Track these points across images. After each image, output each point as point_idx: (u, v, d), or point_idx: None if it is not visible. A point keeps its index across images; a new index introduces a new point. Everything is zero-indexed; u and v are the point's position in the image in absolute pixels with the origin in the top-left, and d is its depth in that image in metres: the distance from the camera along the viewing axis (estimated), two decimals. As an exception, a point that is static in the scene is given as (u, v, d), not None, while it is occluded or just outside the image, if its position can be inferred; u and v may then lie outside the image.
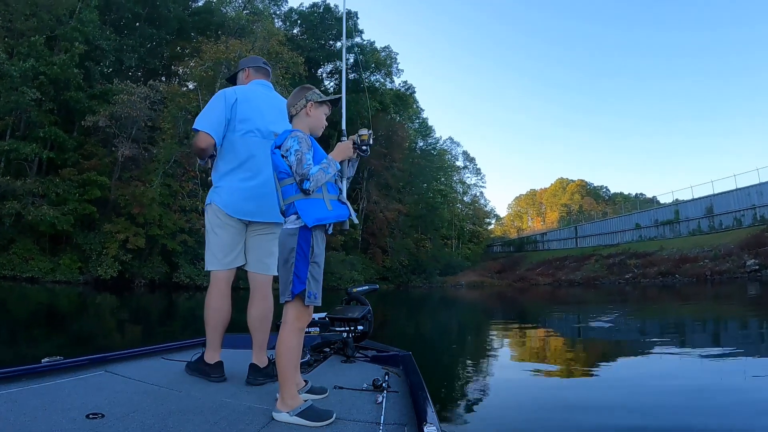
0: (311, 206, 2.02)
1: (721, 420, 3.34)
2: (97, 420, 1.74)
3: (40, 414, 1.76)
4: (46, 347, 6.17)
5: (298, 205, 2.02)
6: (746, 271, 24.47)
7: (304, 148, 2.05)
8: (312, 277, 2.02)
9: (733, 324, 9.51)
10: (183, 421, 1.83)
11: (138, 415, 1.85)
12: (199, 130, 2.65)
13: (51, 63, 24.00)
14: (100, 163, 26.16)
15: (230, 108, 2.67)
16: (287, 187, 2.06)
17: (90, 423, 1.71)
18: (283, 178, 2.07)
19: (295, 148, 2.03)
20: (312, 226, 2.01)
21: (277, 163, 2.08)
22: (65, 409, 1.83)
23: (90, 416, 1.75)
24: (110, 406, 1.91)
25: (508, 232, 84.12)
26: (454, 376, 5.60)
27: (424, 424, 1.73)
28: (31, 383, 2.16)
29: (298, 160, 2.00)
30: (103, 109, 25.08)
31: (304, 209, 2.01)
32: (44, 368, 2.38)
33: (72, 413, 1.79)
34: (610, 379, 5.14)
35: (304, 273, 2.00)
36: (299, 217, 2.01)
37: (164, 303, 17.60)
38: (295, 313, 2.04)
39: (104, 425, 1.70)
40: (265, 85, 2.90)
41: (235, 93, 2.72)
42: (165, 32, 32.35)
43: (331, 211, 2.06)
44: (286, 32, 39.26)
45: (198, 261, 26.85)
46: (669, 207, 40.80)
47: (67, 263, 24.00)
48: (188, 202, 26.62)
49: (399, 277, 42.16)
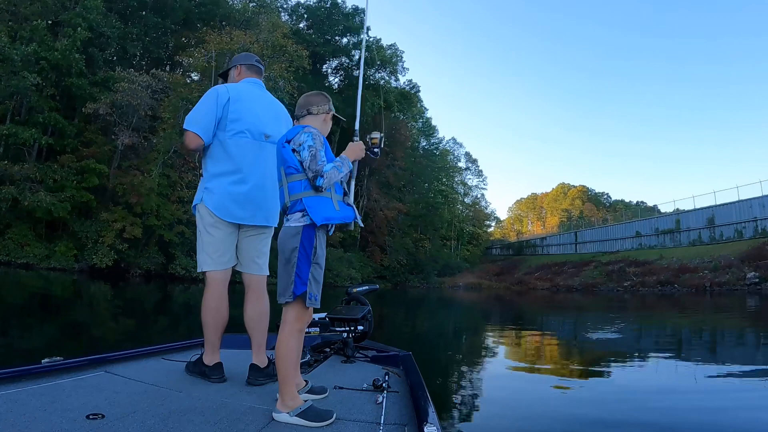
0: (320, 204, 2.00)
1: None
2: (97, 420, 1.74)
3: (40, 414, 1.77)
4: (38, 339, 6.14)
5: (307, 202, 1.99)
6: (746, 284, 24.56)
7: (318, 144, 2.02)
8: (313, 279, 2.01)
9: (750, 337, 9.44)
10: (183, 421, 1.83)
11: (138, 415, 1.85)
12: (187, 130, 2.62)
13: (53, 48, 23.89)
14: (99, 151, 26.05)
15: (222, 107, 2.62)
16: (295, 183, 2.02)
17: (90, 423, 1.71)
18: (292, 173, 2.03)
19: (309, 144, 2.00)
20: (317, 225, 1.99)
21: (286, 158, 2.04)
22: (65, 410, 1.83)
23: (90, 416, 1.76)
24: (110, 407, 1.91)
25: (508, 235, 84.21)
26: (454, 376, 5.64)
27: (424, 424, 1.74)
28: (31, 384, 2.16)
29: (312, 155, 1.97)
30: (104, 96, 24.98)
31: (313, 206, 1.98)
32: (44, 369, 2.38)
33: (72, 413, 1.79)
34: (609, 382, 5.19)
35: (306, 274, 1.98)
36: (305, 214, 1.99)
37: (159, 294, 17.60)
38: (295, 314, 2.03)
39: (104, 425, 1.71)
40: (258, 84, 2.84)
41: (228, 91, 2.66)
42: (171, 22, 32.19)
43: (339, 211, 2.05)
44: (292, 26, 39.16)
45: (194, 253, 26.64)
46: (670, 216, 40.85)
47: (63, 250, 23.92)
48: (187, 193, 26.55)
49: (397, 277, 42.20)
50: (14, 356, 4.88)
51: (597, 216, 63.73)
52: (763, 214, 31.01)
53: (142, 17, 31.31)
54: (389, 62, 45.27)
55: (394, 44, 47.90)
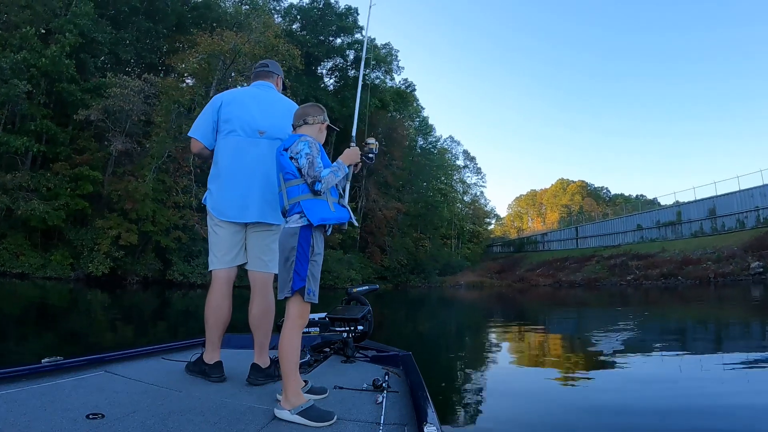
0: (316, 206, 2.15)
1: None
2: (97, 420, 1.76)
3: (40, 414, 1.78)
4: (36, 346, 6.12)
5: (304, 204, 2.13)
6: (750, 274, 24.56)
7: (315, 151, 2.18)
8: (311, 275, 2.12)
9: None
10: (183, 421, 1.85)
11: (138, 415, 1.87)
12: (189, 136, 2.85)
13: (42, 55, 23.82)
14: (92, 158, 25.98)
15: (216, 111, 2.78)
16: (293, 188, 2.17)
17: (90, 423, 1.73)
18: (290, 179, 2.18)
19: (306, 152, 2.16)
20: (314, 225, 2.12)
21: (284, 165, 2.20)
22: (65, 410, 1.85)
23: (90, 416, 1.77)
24: (110, 407, 1.93)
25: (508, 232, 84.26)
26: (454, 376, 5.65)
27: (424, 424, 1.77)
28: (31, 383, 2.18)
29: (310, 162, 2.14)
30: (96, 102, 24.92)
31: (309, 208, 2.13)
32: (44, 368, 2.40)
33: (72, 413, 1.81)
34: (612, 381, 5.15)
35: (304, 271, 2.10)
36: (302, 216, 2.12)
37: (157, 301, 17.56)
38: (297, 310, 2.12)
39: (104, 425, 1.72)
40: (262, 85, 2.94)
41: (222, 97, 2.86)
42: (163, 27, 32.16)
43: (334, 212, 2.19)
44: (286, 28, 39.12)
45: (192, 258, 26.80)
46: (671, 208, 40.87)
47: (59, 259, 23.87)
48: (182, 198, 26.50)
49: (397, 277, 42.15)
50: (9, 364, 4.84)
51: (597, 210, 63.76)
52: (764, 203, 31.08)
53: (134, 23, 31.20)
54: (384, 61, 45.24)
55: (389, 43, 47.93)
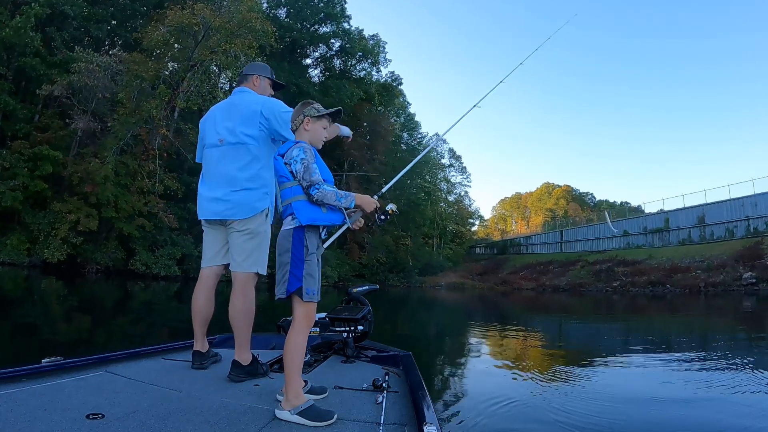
0: (307, 207, 2.25)
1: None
2: (98, 420, 1.81)
3: (40, 414, 1.84)
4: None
5: (295, 206, 2.24)
6: (743, 284, 25.17)
7: (310, 157, 2.29)
8: (308, 275, 2.22)
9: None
10: (183, 421, 1.90)
11: (138, 415, 1.92)
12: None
13: (6, 25, 22.96)
14: (54, 137, 25.16)
15: (201, 130, 3.16)
16: (285, 191, 2.29)
17: (90, 423, 1.77)
18: (283, 182, 2.30)
19: (301, 157, 2.27)
20: (306, 225, 2.22)
21: (278, 168, 2.32)
22: (65, 410, 1.91)
23: (90, 416, 1.83)
24: (110, 407, 1.99)
25: (492, 234, 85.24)
26: (454, 376, 5.82)
27: (424, 424, 1.84)
28: (31, 383, 2.25)
29: (305, 167, 2.24)
30: (61, 78, 24.12)
31: (300, 209, 2.23)
32: (44, 368, 2.49)
33: (72, 413, 1.86)
34: (610, 383, 5.31)
35: (299, 271, 2.20)
36: (294, 217, 2.24)
37: (118, 293, 17.11)
38: (303, 311, 2.21)
39: (104, 425, 1.77)
40: (236, 93, 3.16)
41: (204, 117, 3.19)
42: (141, 5, 31.40)
43: (325, 214, 2.28)
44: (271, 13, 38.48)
45: (156, 248, 26.25)
46: (659, 215, 41.75)
47: (15, 244, 23.06)
48: (147, 183, 25.86)
49: (375, 275, 42.13)
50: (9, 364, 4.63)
51: (581, 216, 64.90)
52: (755, 213, 31.92)
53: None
54: (371, 53, 45.07)
55: (377, 35, 47.51)
